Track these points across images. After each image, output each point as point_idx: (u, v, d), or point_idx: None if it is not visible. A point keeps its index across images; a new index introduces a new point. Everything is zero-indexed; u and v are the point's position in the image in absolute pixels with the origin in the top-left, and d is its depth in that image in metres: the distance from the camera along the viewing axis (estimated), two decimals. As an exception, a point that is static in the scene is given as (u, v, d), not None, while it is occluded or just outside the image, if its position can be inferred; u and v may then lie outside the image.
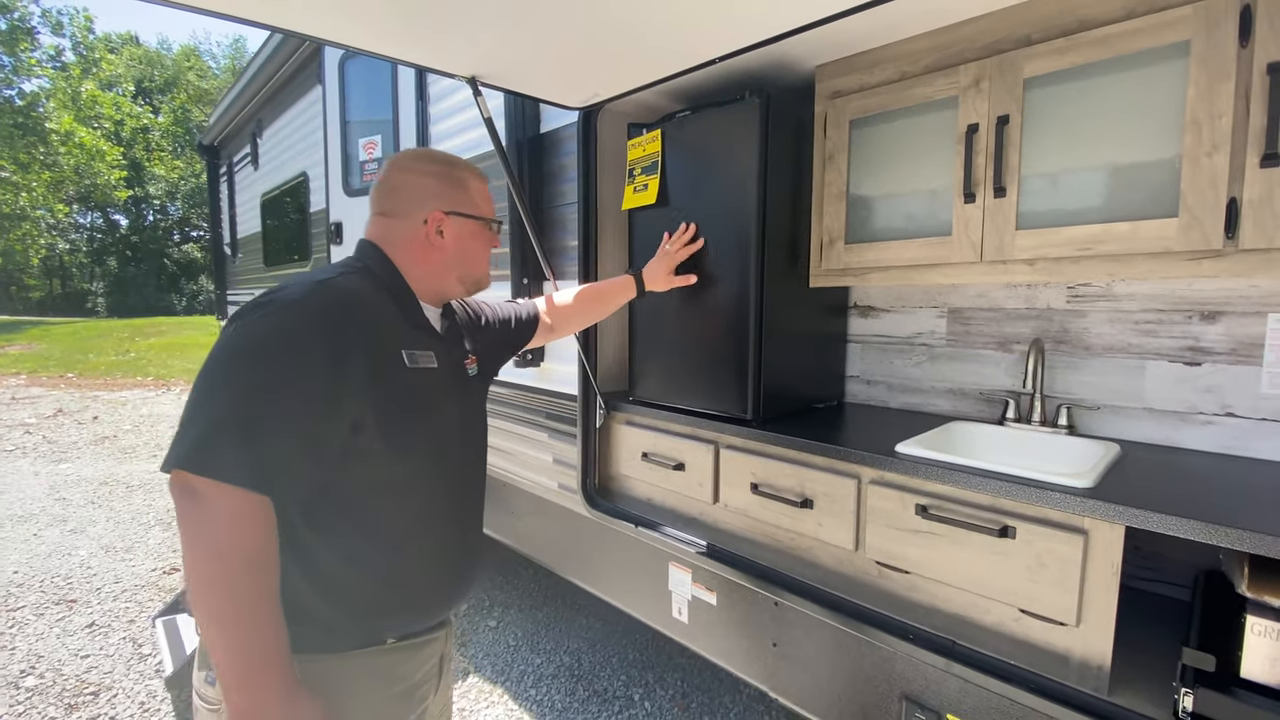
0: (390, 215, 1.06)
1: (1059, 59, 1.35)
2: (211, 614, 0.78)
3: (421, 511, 1.00)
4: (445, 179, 1.09)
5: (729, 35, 1.43)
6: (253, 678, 0.78)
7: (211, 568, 0.77)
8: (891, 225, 1.64)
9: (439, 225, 1.06)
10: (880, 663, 1.35)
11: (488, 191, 1.15)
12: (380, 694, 0.97)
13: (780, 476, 1.57)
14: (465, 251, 1.10)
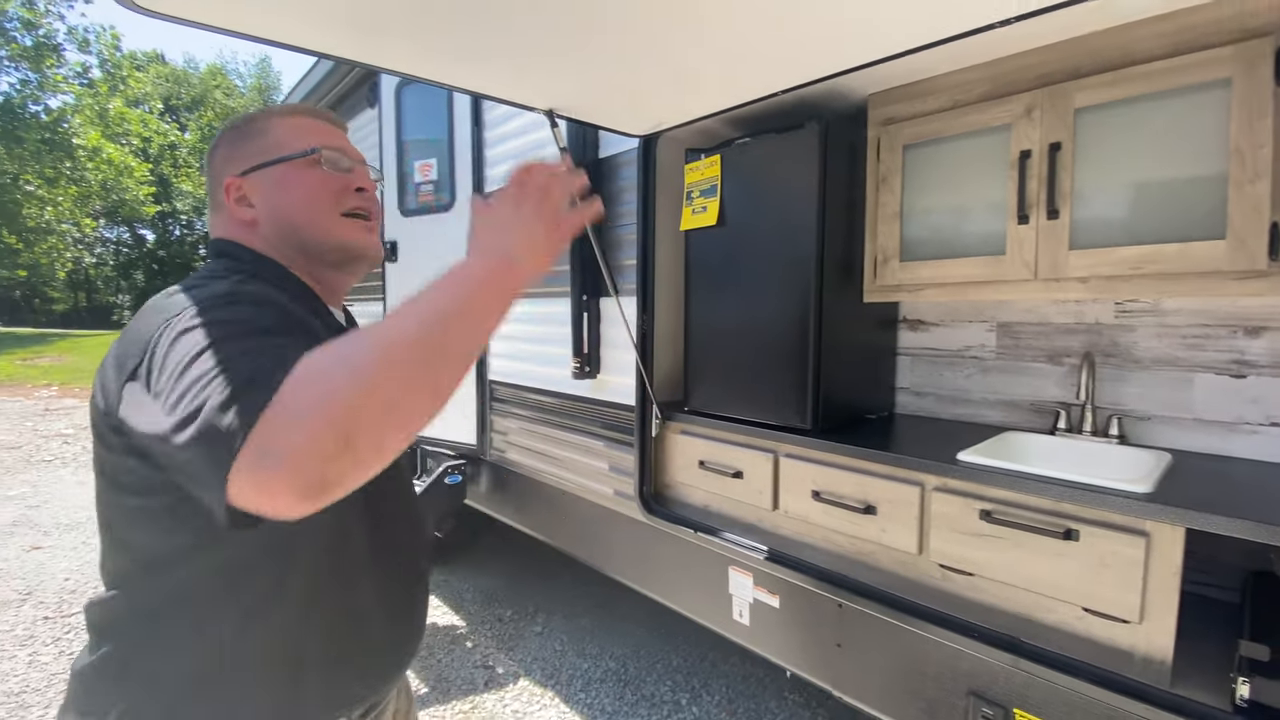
0: (211, 209, 0.88)
1: (1109, 91, 1.44)
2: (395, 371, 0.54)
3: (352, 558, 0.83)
4: (236, 139, 0.87)
5: (790, 71, 1.54)
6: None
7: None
8: (945, 244, 1.73)
9: (238, 193, 0.84)
10: (945, 660, 1.43)
11: (315, 125, 0.90)
12: None
13: (842, 484, 1.65)
14: (284, 209, 0.84)
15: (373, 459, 0.54)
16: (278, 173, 0.84)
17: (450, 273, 0.64)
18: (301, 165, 0.85)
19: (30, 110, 19.22)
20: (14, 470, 6.06)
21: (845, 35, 1.34)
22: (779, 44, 1.39)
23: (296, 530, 0.61)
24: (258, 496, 0.52)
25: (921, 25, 1.27)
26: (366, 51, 1.40)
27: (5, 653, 2.98)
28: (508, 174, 0.74)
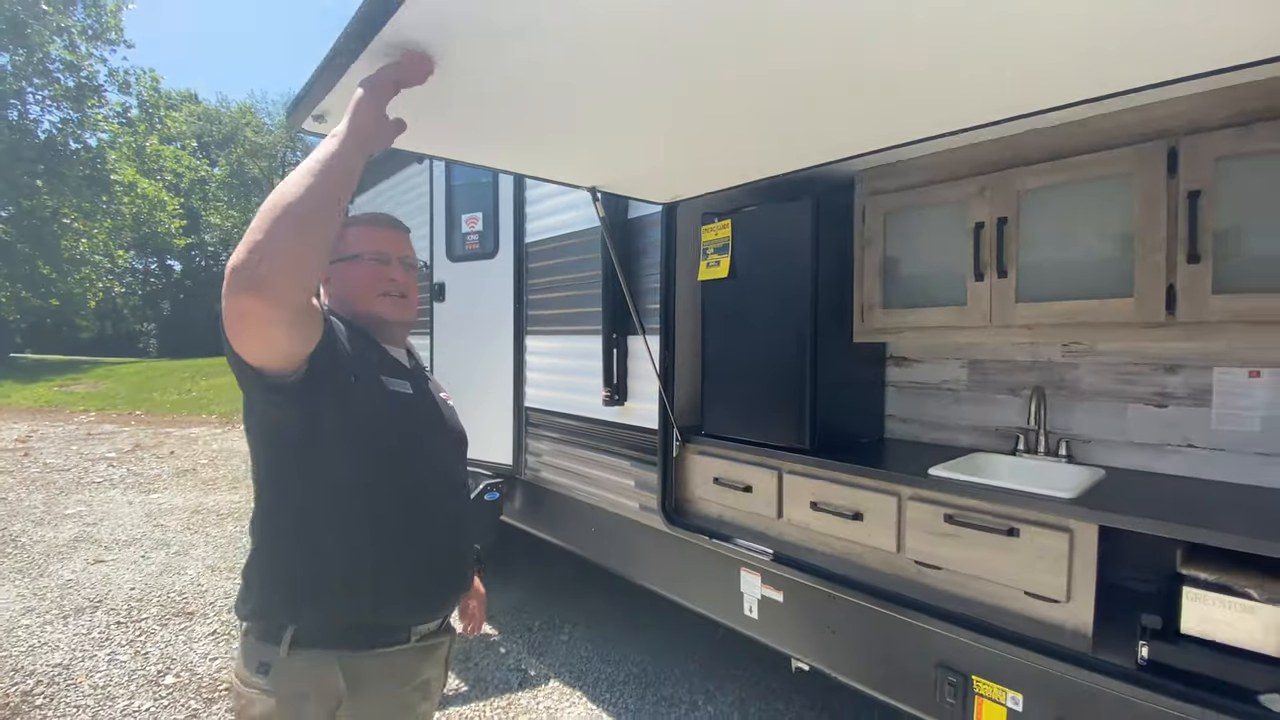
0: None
1: (1045, 177, 1.81)
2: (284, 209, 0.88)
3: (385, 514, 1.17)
4: (349, 228, 1.28)
5: (791, 158, 1.92)
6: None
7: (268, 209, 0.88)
8: (919, 295, 2.09)
9: (324, 277, 1.25)
10: (919, 639, 1.74)
11: (370, 231, 1.29)
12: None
13: (835, 496, 1.99)
14: (344, 290, 1.26)
15: (276, 256, 0.86)
16: (341, 267, 1.25)
17: (318, 158, 0.95)
18: (354, 262, 1.25)
19: (71, 148, 20.27)
20: (68, 491, 6.46)
21: (838, 130, 1.72)
22: (783, 137, 1.77)
23: (370, 481, 1.13)
24: (234, 323, 0.91)
25: (897, 128, 1.65)
26: (469, 154, 1.80)
27: (86, 653, 3.32)
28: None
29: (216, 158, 33.17)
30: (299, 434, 1.09)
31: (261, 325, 0.91)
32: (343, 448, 1.12)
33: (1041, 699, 1.52)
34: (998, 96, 1.30)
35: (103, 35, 20.18)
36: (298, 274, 0.89)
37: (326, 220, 0.93)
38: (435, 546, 1.24)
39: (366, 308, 1.25)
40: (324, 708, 1.11)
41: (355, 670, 1.13)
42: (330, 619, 1.12)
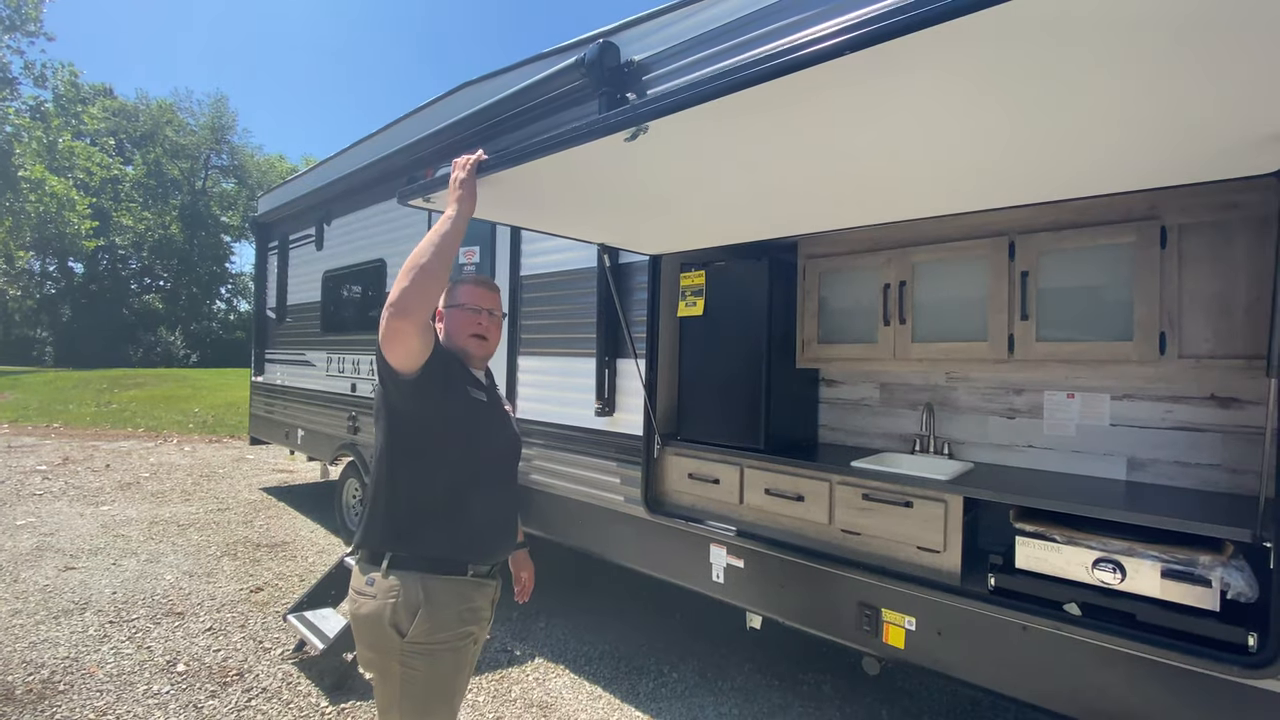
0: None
1: (930, 254, 2.55)
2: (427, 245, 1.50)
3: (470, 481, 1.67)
4: (447, 290, 1.79)
5: (754, 228, 2.58)
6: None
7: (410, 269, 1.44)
8: (844, 333, 2.79)
9: (438, 316, 1.76)
10: (845, 586, 2.39)
11: (476, 290, 1.81)
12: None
13: (783, 484, 2.63)
14: (450, 328, 1.74)
15: (415, 295, 1.44)
16: (452, 311, 1.78)
17: (437, 233, 1.54)
18: (460, 310, 1.78)
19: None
20: (9, 503, 6.30)
21: (787, 215, 2.38)
22: (747, 216, 2.42)
23: (452, 459, 1.65)
24: (391, 338, 1.49)
25: (831, 217, 2.33)
26: (508, 218, 2.35)
27: (89, 648, 3.51)
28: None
29: (132, 156, 31.31)
30: (411, 418, 1.62)
31: (405, 336, 1.47)
32: (436, 432, 1.64)
33: (927, 620, 2.19)
34: (900, 203, 2.00)
35: (21, 26, 19.07)
36: (425, 303, 1.48)
37: (445, 270, 1.52)
38: (491, 511, 1.73)
39: (462, 343, 1.76)
40: (407, 610, 1.56)
41: (429, 587, 1.58)
42: (417, 550, 1.60)
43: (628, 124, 1.27)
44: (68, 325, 30.35)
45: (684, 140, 1.48)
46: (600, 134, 1.36)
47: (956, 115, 1.26)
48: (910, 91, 1.14)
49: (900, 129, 1.34)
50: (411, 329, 1.45)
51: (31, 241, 24.52)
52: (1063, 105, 1.19)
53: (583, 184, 1.99)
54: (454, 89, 4.35)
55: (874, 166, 1.66)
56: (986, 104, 1.20)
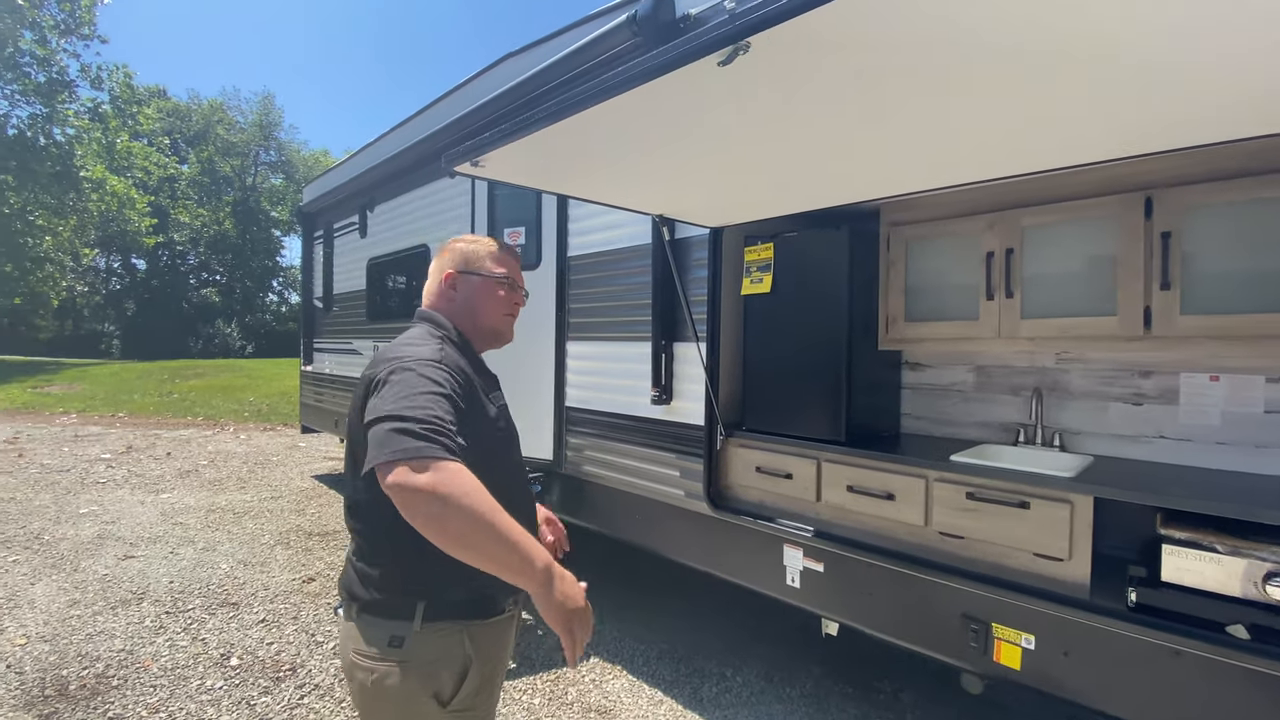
0: (430, 280, 1.45)
1: (1043, 216, 2.20)
2: (466, 552, 1.07)
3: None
4: (463, 251, 1.44)
5: (828, 194, 2.28)
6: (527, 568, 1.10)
7: (444, 522, 1.04)
8: (935, 310, 2.47)
9: (452, 281, 1.43)
10: (945, 596, 2.10)
11: (514, 263, 1.50)
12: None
13: (869, 480, 2.34)
14: (475, 303, 1.42)
15: (433, 525, 1.06)
16: (478, 281, 1.44)
17: (522, 543, 1.10)
18: (494, 282, 1.45)
19: (40, 144, 19.75)
20: (74, 491, 6.48)
21: (869, 176, 2.08)
22: (820, 179, 2.13)
23: (480, 476, 1.14)
24: (385, 481, 1.06)
25: (923, 177, 2.01)
26: (561, 187, 2.12)
27: (144, 640, 3.49)
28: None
29: (186, 155, 32.44)
30: None
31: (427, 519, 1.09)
32: (463, 453, 1.22)
33: (1050, 638, 1.89)
34: (1007, 157, 1.68)
35: (76, 30, 19.74)
36: (450, 549, 1.08)
37: (469, 547, 1.09)
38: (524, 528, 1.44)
39: (491, 323, 1.46)
40: (454, 673, 1.24)
41: (475, 637, 1.27)
42: (457, 595, 1.25)
43: (727, 41, 1.00)
44: (132, 319, 31.82)
45: (780, 71, 1.21)
46: (691, 57, 1.09)
47: (1097, 34, 0.96)
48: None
49: (1025, 59, 1.04)
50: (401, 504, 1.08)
51: (96, 240, 25.68)
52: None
53: (642, 143, 1.74)
54: (495, 62, 4.13)
55: (986, 110, 1.36)
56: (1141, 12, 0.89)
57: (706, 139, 1.70)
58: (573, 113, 1.47)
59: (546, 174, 2.01)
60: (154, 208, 27.11)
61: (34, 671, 3.11)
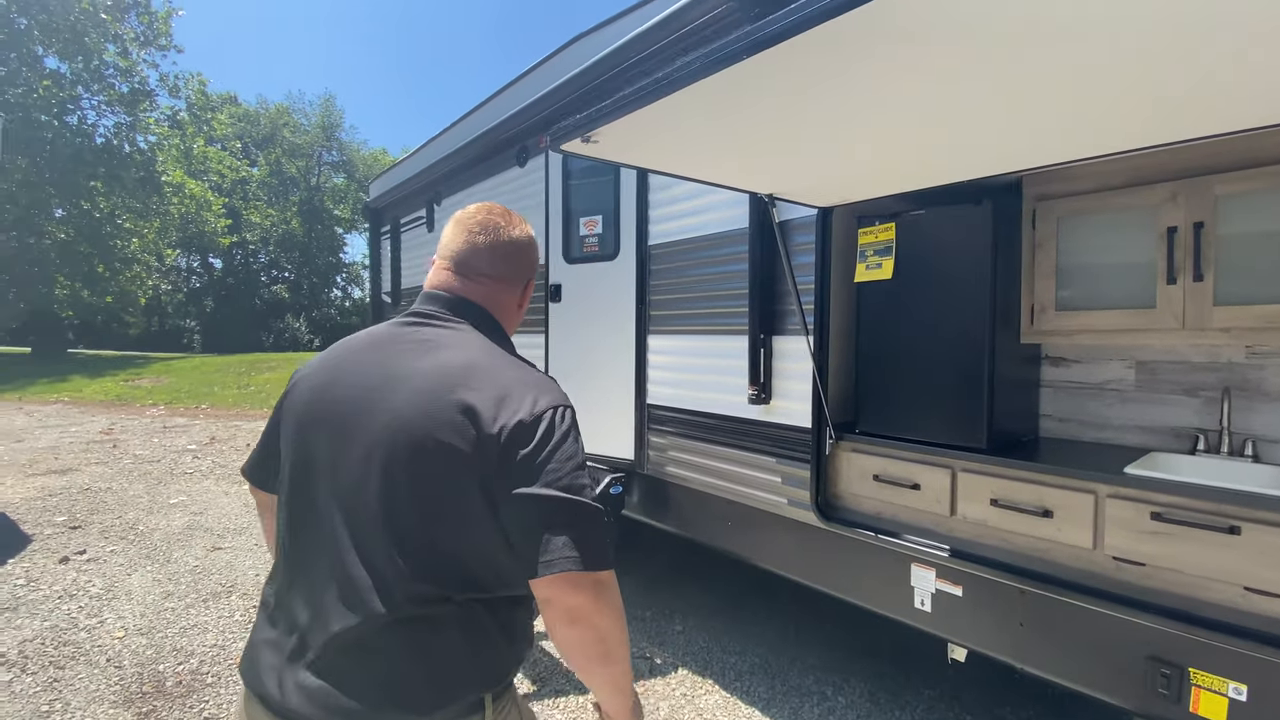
0: (499, 279, 1.10)
1: (1242, 184, 1.83)
2: (610, 672, 0.96)
3: None
4: (536, 248, 1.18)
5: (962, 166, 1.98)
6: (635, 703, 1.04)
7: (610, 637, 0.92)
8: (1095, 298, 2.13)
9: (529, 292, 1.16)
10: (1125, 633, 1.79)
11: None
12: None
13: (1019, 494, 2.04)
14: (516, 308, 1.17)
15: (599, 648, 0.93)
16: (528, 290, 1.19)
17: (625, 686, 1.00)
18: (529, 287, 1.20)
19: (125, 150, 20.96)
20: (165, 481, 6.75)
21: (1015, 146, 1.77)
22: (951, 150, 1.83)
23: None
24: (574, 591, 0.88)
25: (1083, 142, 1.69)
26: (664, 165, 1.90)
27: (236, 634, 3.50)
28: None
29: (256, 158, 33.93)
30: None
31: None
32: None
33: (1269, 689, 1.56)
34: (1201, 113, 1.35)
35: (154, 41, 20.78)
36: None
37: (614, 662, 0.97)
38: None
39: (512, 330, 1.18)
40: None
41: (524, 711, 1.09)
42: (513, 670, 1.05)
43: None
44: (211, 315, 33.65)
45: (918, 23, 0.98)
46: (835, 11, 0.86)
47: None
48: None
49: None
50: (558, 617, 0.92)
51: (177, 240, 27.15)
52: None
53: (754, 115, 1.51)
54: (567, 43, 3.94)
55: (1171, 57, 1.05)
56: None
57: (824, 109, 1.46)
58: (703, 76, 1.25)
59: (656, 152, 1.79)
60: (228, 209, 28.44)
61: (132, 666, 3.15)
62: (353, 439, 0.94)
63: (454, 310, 1.07)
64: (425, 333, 1.03)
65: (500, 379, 0.96)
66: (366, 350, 1.03)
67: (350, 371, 1.01)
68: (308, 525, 0.96)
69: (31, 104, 18.05)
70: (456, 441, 0.89)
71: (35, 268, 18.95)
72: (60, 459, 7.69)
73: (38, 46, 18.81)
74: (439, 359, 0.97)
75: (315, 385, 1.02)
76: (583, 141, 1.56)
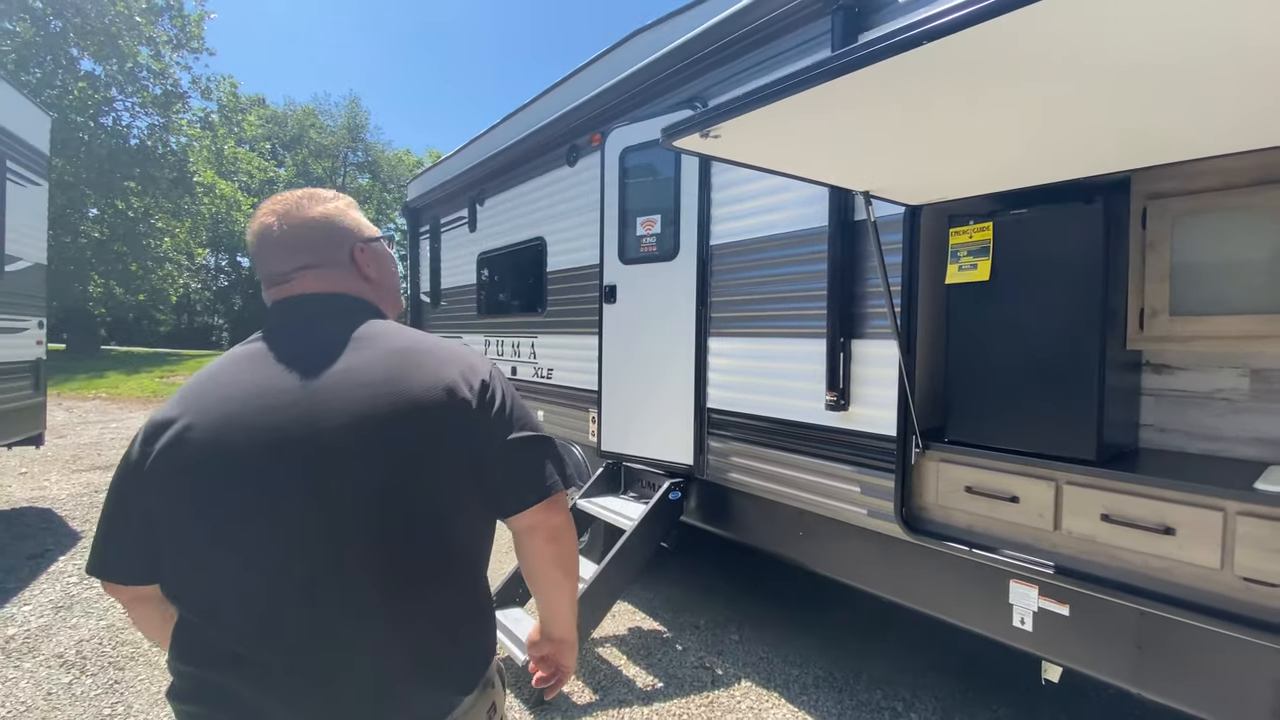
0: (326, 264, 1.03)
1: (1395, 178, 1.71)
2: (572, 585, 1.10)
3: None
4: (351, 213, 1.09)
5: (1078, 163, 1.87)
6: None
7: (575, 552, 1.08)
8: (1215, 302, 2.00)
9: (366, 258, 1.07)
10: (1256, 657, 1.67)
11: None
12: None
13: (1135, 509, 1.92)
14: (390, 281, 1.11)
15: (569, 562, 1.09)
16: (382, 250, 1.11)
17: (565, 606, 1.12)
18: (388, 248, 1.14)
19: (159, 151, 21.36)
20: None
21: (1134, 142, 1.66)
22: (1059, 147, 1.73)
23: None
24: (554, 511, 1.02)
25: (1215, 137, 1.58)
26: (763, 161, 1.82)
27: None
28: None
29: (283, 159, 34.42)
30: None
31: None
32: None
33: None
34: None
35: (186, 44, 21.13)
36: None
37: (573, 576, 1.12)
38: None
39: (396, 310, 1.15)
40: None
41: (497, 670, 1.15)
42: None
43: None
44: (239, 313, 34.25)
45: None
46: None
47: None
48: None
49: None
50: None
51: (207, 240, 27.64)
52: None
53: (875, 113, 1.44)
54: (624, 39, 3.87)
55: None
56: None
57: (943, 109, 1.39)
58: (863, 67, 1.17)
59: (764, 150, 1.72)
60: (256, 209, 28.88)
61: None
62: (316, 457, 0.86)
63: (324, 305, 1.02)
64: (327, 329, 0.97)
65: (441, 352, 0.97)
66: (260, 373, 0.91)
67: (258, 399, 0.89)
68: (282, 563, 0.87)
69: (67, 105, 18.45)
70: (436, 417, 0.91)
71: (71, 266, 19.37)
72: (103, 455, 7.81)
73: (73, 49, 19.22)
74: (369, 353, 0.94)
75: (217, 431, 0.87)
76: (701, 137, 1.49)
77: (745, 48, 2.93)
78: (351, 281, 1.06)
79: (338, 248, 1.05)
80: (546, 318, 4.71)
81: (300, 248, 1.03)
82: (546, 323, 4.73)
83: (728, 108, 1.38)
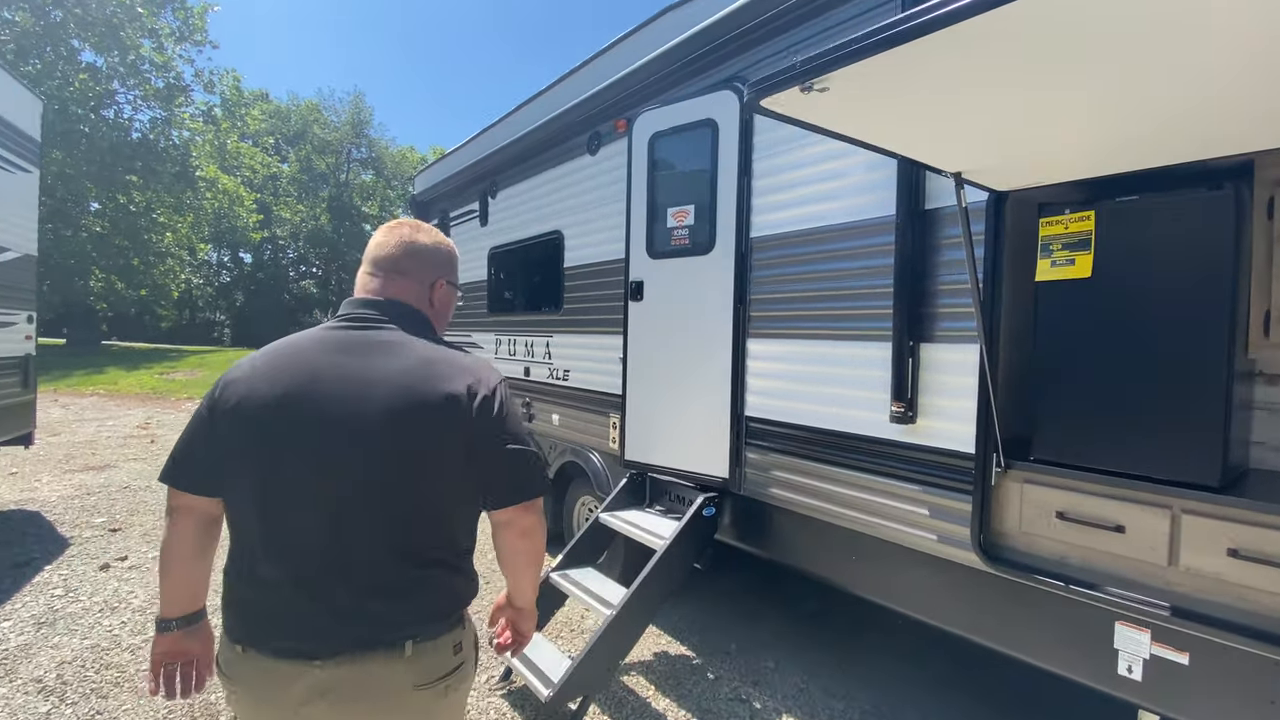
0: (406, 275, 1.33)
1: None
2: (535, 570, 1.36)
3: None
4: (452, 257, 1.43)
5: (1194, 145, 1.61)
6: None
7: (542, 546, 1.33)
8: (1364, 305, 1.72)
9: (444, 294, 1.40)
10: None
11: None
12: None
13: (1271, 544, 1.65)
14: (445, 315, 1.43)
15: (537, 556, 1.35)
16: (452, 291, 1.44)
17: (527, 585, 1.39)
18: (456, 293, 1.47)
19: (161, 145, 21.08)
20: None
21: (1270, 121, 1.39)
22: (1173, 123, 1.47)
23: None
24: (529, 514, 1.27)
25: None
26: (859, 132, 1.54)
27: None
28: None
29: (287, 154, 34.15)
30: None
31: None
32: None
33: None
34: None
35: (190, 36, 20.84)
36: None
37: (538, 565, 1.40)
38: None
39: (443, 332, 1.41)
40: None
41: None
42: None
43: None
44: (241, 309, 34.01)
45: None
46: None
47: None
48: None
49: None
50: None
51: (209, 235, 27.37)
52: None
53: (978, 73, 1.18)
54: (653, 17, 3.60)
55: None
56: None
57: (1054, 72, 1.13)
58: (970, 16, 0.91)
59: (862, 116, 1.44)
60: (258, 205, 28.61)
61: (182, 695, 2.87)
62: (348, 433, 1.13)
63: (386, 312, 1.28)
64: (382, 335, 1.23)
65: (459, 366, 1.22)
66: (326, 353, 1.18)
67: (314, 374, 1.15)
68: (300, 509, 1.14)
69: (68, 97, 18.17)
70: (445, 421, 1.16)
71: (72, 260, 19.11)
72: (98, 454, 7.56)
73: (74, 40, 18.94)
74: (404, 360, 1.19)
75: (276, 389, 1.13)
76: (802, 91, 1.21)
77: (798, 19, 2.66)
78: (422, 301, 1.36)
79: (428, 272, 1.36)
80: (563, 316, 4.44)
81: (404, 256, 1.34)
82: (563, 321, 4.46)
83: (846, 49, 1.10)
